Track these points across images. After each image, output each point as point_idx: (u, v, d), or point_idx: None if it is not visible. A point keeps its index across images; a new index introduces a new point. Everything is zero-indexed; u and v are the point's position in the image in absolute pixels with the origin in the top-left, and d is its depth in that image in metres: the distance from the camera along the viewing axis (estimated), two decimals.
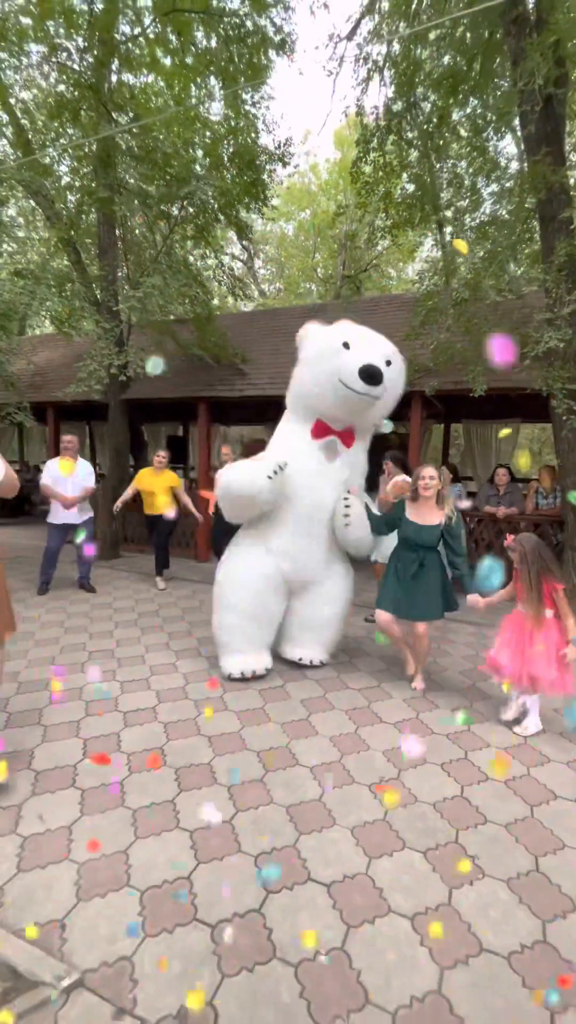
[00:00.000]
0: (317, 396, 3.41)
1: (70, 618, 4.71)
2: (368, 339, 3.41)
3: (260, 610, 3.56)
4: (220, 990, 1.52)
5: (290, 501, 3.48)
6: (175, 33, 7.81)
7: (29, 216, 13.60)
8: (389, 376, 3.31)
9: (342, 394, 3.25)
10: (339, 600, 3.73)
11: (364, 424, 3.54)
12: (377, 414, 3.50)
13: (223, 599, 3.60)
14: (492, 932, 1.74)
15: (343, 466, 3.56)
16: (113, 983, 1.54)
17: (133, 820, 2.20)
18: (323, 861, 2.01)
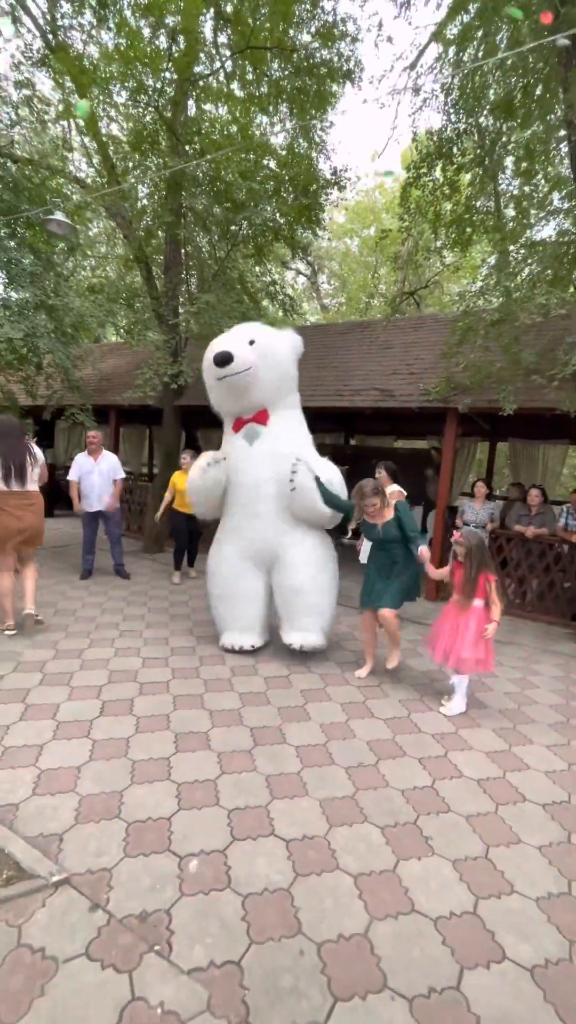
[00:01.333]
0: (215, 399, 4.07)
1: (109, 600, 5.19)
2: (227, 335, 3.96)
3: (234, 590, 4.04)
4: (176, 904, 1.81)
5: (232, 488, 4.02)
6: (250, 66, 8.42)
7: (110, 234, 14.78)
8: (254, 352, 3.75)
9: (214, 386, 3.90)
10: (306, 567, 3.92)
11: (263, 398, 3.92)
12: (268, 384, 3.87)
13: (208, 588, 4.25)
14: (426, 898, 1.92)
15: (267, 441, 3.95)
16: (93, 886, 1.86)
17: (132, 769, 2.54)
18: (288, 822, 2.25)
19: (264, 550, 3.98)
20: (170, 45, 7.91)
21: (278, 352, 3.92)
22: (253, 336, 3.86)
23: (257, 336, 3.87)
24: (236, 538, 4.06)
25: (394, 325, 8.64)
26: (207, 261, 8.53)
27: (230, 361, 3.67)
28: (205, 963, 1.61)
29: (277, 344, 3.94)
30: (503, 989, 1.60)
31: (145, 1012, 1.46)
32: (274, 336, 3.98)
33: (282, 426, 4.02)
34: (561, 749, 3.06)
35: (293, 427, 4.12)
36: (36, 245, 7.16)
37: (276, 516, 3.93)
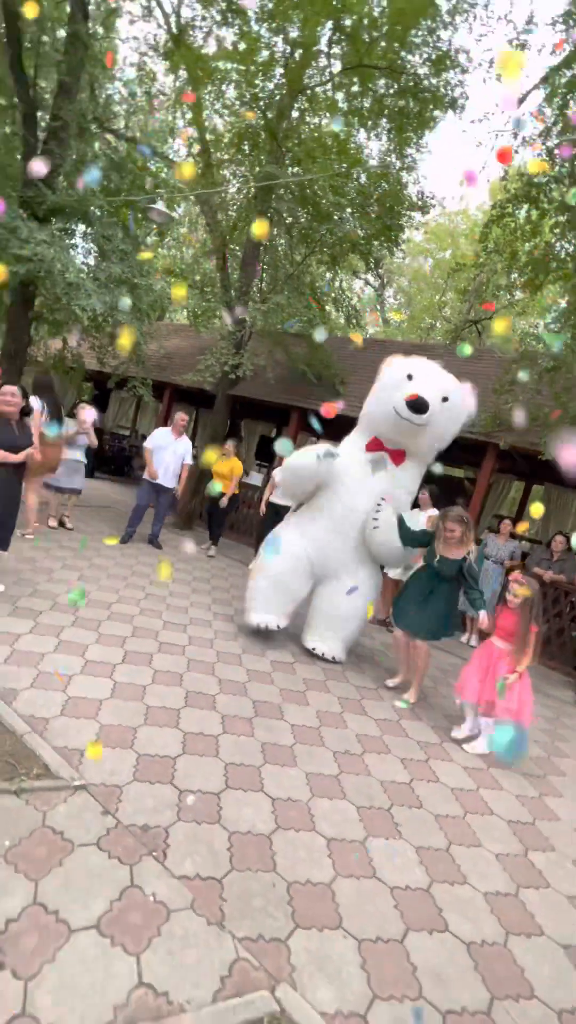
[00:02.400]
0: (377, 415, 4.04)
1: (139, 564, 5.55)
2: (430, 375, 3.90)
3: (284, 581, 4.17)
4: (173, 826, 2.10)
5: (329, 497, 4.11)
6: (358, 82, 8.70)
7: (194, 219, 15.27)
8: (440, 410, 3.78)
9: (394, 419, 3.84)
10: (352, 599, 4.15)
11: (416, 448, 4.02)
12: (428, 441, 3.98)
13: (258, 564, 4.33)
14: (388, 871, 2.16)
15: (385, 481, 4.07)
16: (105, 796, 2.17)
17: (146, 712, 2.85)
18: (276, 785, 2.53)
19: (326, 564, 4.19)
20: (285, 52, 8.25)
21: (459, 417, 3.95)
22: (449, 393, 3.83)
23: (452, 395, 3.84)
24: (308, 539, 4.18)
25: (451, 353, 8.80)
26: (283, 262, 8.86)
27: (424, 412, 3.67)
28: (192, 874, 1.90)
29: (463, 409, 3.94)
30: (440, 953, 1.84)
31: (140, 897, 1.75)
32: (464, 399, 3.92)
33: (407, 475, 4.15)
34: (536, 780, 3.24)
35: (415, 479, 4.23)
36: (126, 223, 7.60)
37: (352, 543, 4.12)
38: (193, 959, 1.60)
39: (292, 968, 1.65)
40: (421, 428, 3.81)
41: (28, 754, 2.29)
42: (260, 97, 8.15)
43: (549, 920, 2.13)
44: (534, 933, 2.05)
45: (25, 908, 1.61)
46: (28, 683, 2.81)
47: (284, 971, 1.64)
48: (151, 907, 1.73)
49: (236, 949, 1.66)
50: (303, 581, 4.24)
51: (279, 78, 8.26)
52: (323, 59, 8.68)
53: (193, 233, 15.74)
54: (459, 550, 3.68)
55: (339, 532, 4.11)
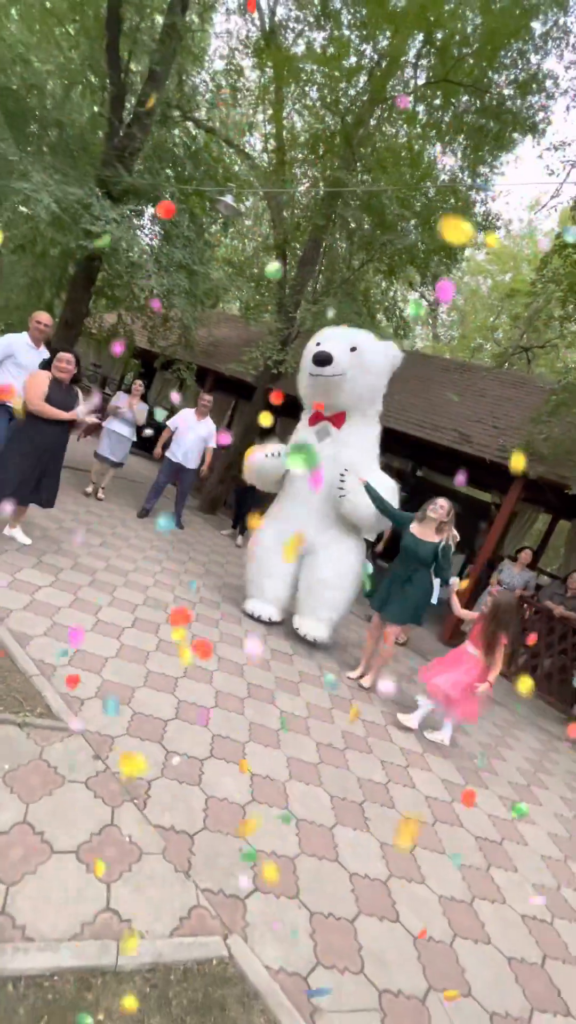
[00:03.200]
0: (303, 386, 4.43)
1: (159, 540, 5.74)
2: (335, 334, 4.23)
3: (269, 564, 4.46)
4: (156, 780, 2.25)
5: (291, 478, 4.45)
6: (440, 96, 8.72)
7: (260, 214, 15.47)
8: (352, 360, 4.03)
9: (310, 380, 4.21)
10: (335, 564, 4.29)
11: (346, 403, 4.21)
12: (354, 392, 4.16)
13: (247, 556, 4.72)
14: (350, 857, 2.27)
15: (334, 444, 4.30)
16: (98, 744, 2.33)
17: (146, 675, 3.00)
18: (259, 763, 2.65)
19: (307, 541, 4.36)
20: (373, 60, 8.33)
21: (375, 364, 4.18)
22: (356, 343, 4.12)
23: (360, 344, 4.13)
24: (281, 521, 4.49)
25: (495, 376, 8.75)
26: (340, 266, 8.95)
27: (328, 363, 4.00)
28: (167, 825, 2.04)
29: (376, 356, 4.18)
30: (387, 939, 1.94)
31: (117, 836, 1.90)
32: (375, 347, 4.20)
33: (353, 434, 4.34)
34: (508, 802, 3.28)
35: (363, 437, 4.40)
36: (195, 211, 7.82)
37: (321, 513, 4.32)
38: (157, 897, 1.73)
39: (246, 924, 1.77)
40: (336, 380, 4.05)
41: (34, 694, 2.47)
42: (341, 102, 8.26)
43: (498, 932, 2.20)
44: (481, 940, 2.12)
45: (15, 825, 1.77)
46: (42, 631, 3.00)
47: (238, 925, 1.76)
48: (126, 846, 1.87)
49: (197, 897, 1.80)
50: (285, 562, 4.46)
51: (362, 85, 8.36)
52: (408, 70, 8.74)
53: (257, 227, 15.96)
54: (435, 536, 3.81)
55: (305, 504, 4.37)
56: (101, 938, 1.53)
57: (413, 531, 3.85)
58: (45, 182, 4.68)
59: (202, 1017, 1.44)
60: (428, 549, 3.77)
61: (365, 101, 8.19)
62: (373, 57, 8.29)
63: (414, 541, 3.82)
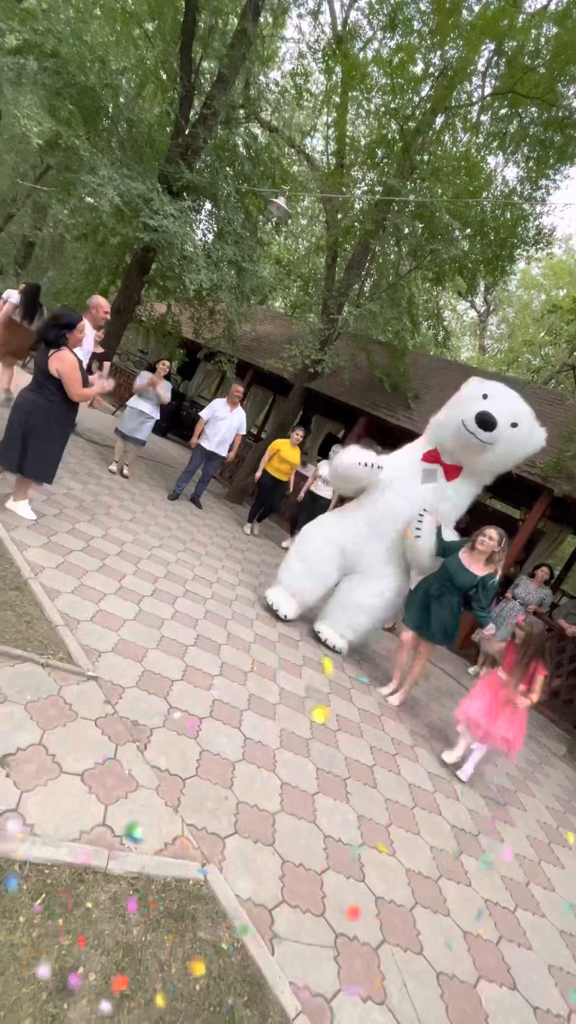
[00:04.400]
0: (443, 426, 4.16)
1: (185, 519, 6.02)
2: (506, 399, 3.94)
3: (317, 566, 4.47)
4: (157, 729, 2.48)
5: (373, 496, 4.38)
6: (507, 106, 8.71)
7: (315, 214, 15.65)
8: (508, 435, 3.83)
9: (460, 431, 3.92)
10: (377, 594, 4.34)
11: (473, 467, 4.10)
12: (487, 462, 4.03)
13: (298, 545, 4.66)
14: (327, 822, 2.44)
15: (432, 492, 4.19)
16: (109, 691, 2.57)
17: (159, 639, 3.25)
18: (252, 729, 2.85)
19: (357, 558, 4.45)
20: (439, 68, 8.38)
21: (523, 449, 3.98)
22: (520, 420, 3.86)
23: (522, 423, 3.87)
24: (346, 532, 4.45)
25: (534, 392, 8.68)
26: (387, 271, 9.05)
27: (491, 430, 3.74)
28: (163, 767, 2.26)
29: (529, 441, 3.95)
30: (350, 895, 2.11)
31: (118, 769, 2.13)
32: (532, 432, 3.94)
33: (457, 493, 4.24)
34: (494, 805, 3.38)
35: (464, 497, 4.27)
36: (248, 209, 8.07)
37: (386, 545, 4.34)
38: (147, 823, 1.96)
39: (223, 858, 1.98)
40: (484, 447, 3.86)
41: (58, 641, 2.74)
42: (403, 109, 8.35)
43: (457, 906, 2.33)
44: (440, 912, 2.27)
45: (31, 745, 2.03)
46: (70, 589, 3.28)
47: (215, 858, 1.97)
48: (125, 778, 2.10)
49: (182, 829, 2.01)
50: (333, 569, 4.51)
51: (426, 93, 8.42)
52: (476, 79, 8.74)
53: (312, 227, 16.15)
54: (482, 567, 3.78)
55: (376, 530, 4.33)
56: (96, 845, 1.77)
57: (461, 557, 3.83)
58: (111, 176, 5.00)
59: (175, 922, 1.66)
60: (468, 580, 3.74)
61: (428, 109, 8.26)
62: (440, 65, 8.34)
63: (458, 566, 3.79)
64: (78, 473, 5.67)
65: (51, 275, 16.11)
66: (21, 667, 2.41)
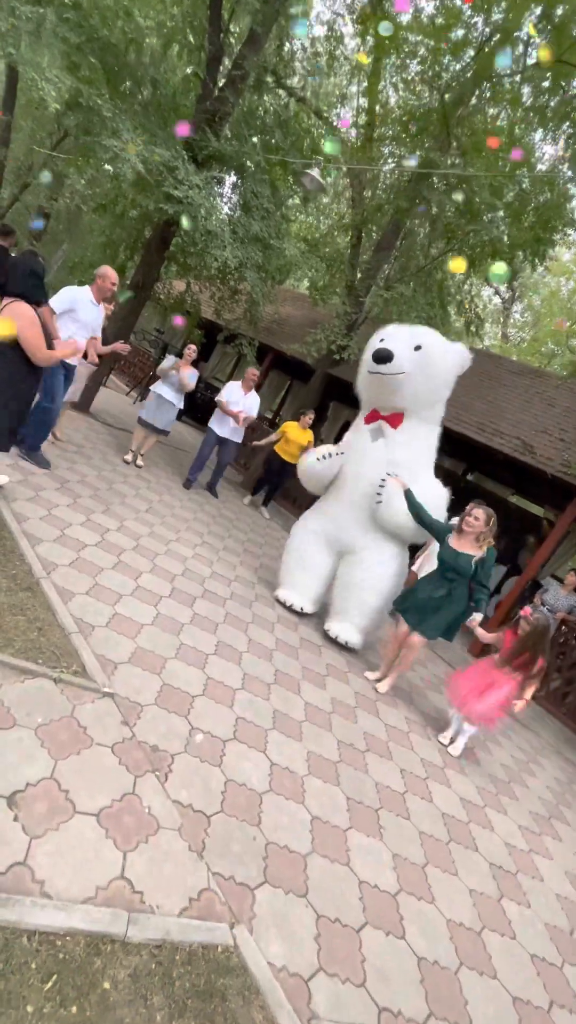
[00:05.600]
0: (361, 384, 4.25)
1: (201, 509, 5.78)
2: (399, 331, 4.00)
3: (306, 557, 4.43)
4: (178, 755, 2.26)
5: (340, 475, 4.33)
6: (550, 79, 8.14)
7: (339, 192, 15.04)
8: (414, 358, 3.83)
9: (368, 378, 4.05)
10: (373, 567, 4.14)
11: (406, 404, 4.01)
12: (414, 394, 3.94)
13: (287, 542, 4.67)
14: (360, 863, 2.23)
15: (388, 446, 4.11)
16: (127, 709, 2.35)
17: (179, 647, 3.02)
18: (278, 751, 2.63)
19: (341, 539, 4.30)
20: (483, 34, 7.83)
21: (440, 366, 3.92)
22: (421, 342, 3.87)
23: (425, 343, 3.87)
24: (323, 516, 4.44)
25: (566, 386, 8.28)
26: (417, 253, 8.60)
27: (388, 361, 3.80)
28: (186, 802, 2.05)
29: (442, 357, 3.92)
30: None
31: (137, 805, 1.92)
32: (442, 347, 3.93)
33: (409, 436, 4.12)
34: (528, 834, 3.17)
35: (420, 440, 4.17)
36: (276, 183, 7.63)
37: (364, 515, 4.16)
38: (170, 873, 1.74)
39: (253, 915, 1.77)
40: (396, 379, 3.86)
41: (71, 651, 2.52)
42: (442, 76, 7.82)
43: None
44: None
45: (42, 779, 1.81)
46: (84, 590, 3.06)
47: (245, 915, 1.75)
48: (145, 817, 1.89)
49: (208, 880, 1.80)
50: (323, 556, 4.41)
51: (468, 60, 7.88)
52: (519, 47, 8.16)
53: (335, 205, 15.53)
54: (474, 547, 3.60)
55: (350, 503, 4.24)
56: (113, 905, 1.55)
57: (451, 543, 3.66)
58: (134, 141, 4.64)
59: (203, 1003, 1.45)
60: (466, 561, 3.58)
61: (469, 78, 7.74)
62: (484, 31, 7.79)
63: (452, 554, 3.62)
64: (92, 458, 5.43)
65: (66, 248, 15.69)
66: (32, 683, 2.19)
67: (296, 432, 6.70)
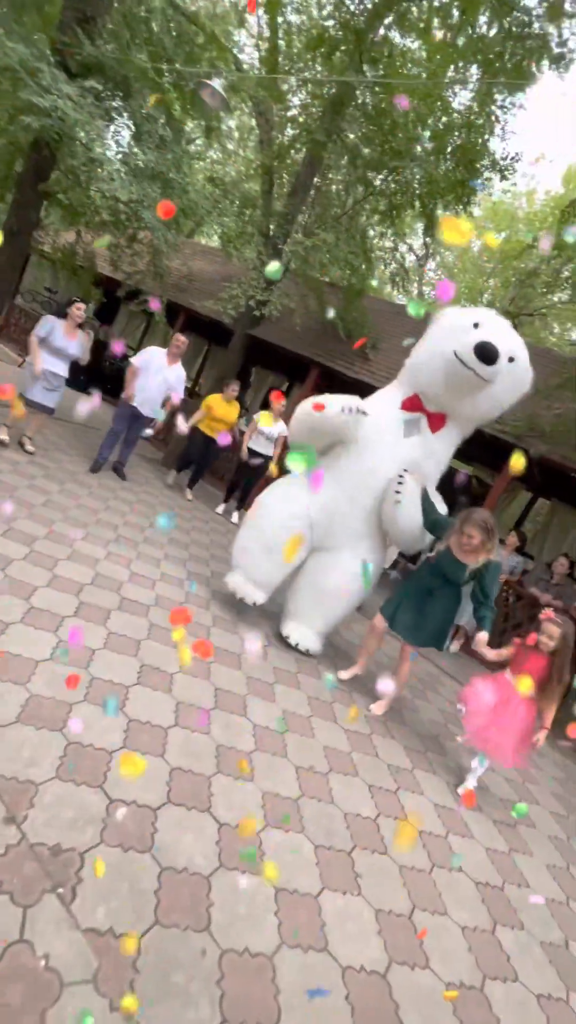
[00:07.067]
0: (426, 367, 3.44)
1: (114, 495, 5.00)
2: (501, 327, 3.35)
3: (276, 543, 3.56)
4: (92, 850, 1.67)
5: (348, 456, 3.55)
6: (460, 10, 7.58)
7: (245, 134, 13.85)
8: (505, 370, 3.24)
9: (451, 367, 3.24)
10: (347, 577, 3.62)
11: (462, 413, 3.45)
12: (479, 407, 3.41)
13: (251, 518, 3.80)
14: (339, 939, 1.79)
15: (417, 448, 3.51)
16: (14, 795, 1.72)
17: (89, 685, 2.39)
18: (226, 805, 2.12)
19: (329, 532, 3.68)
20: None
21: (518, 387, 3.42)
22: (516, 355, 3.30)
23: (520, 358, 3.32)
24: (315, 502, 3.62)
25: None
26: (334, 199, 7.94)
27: (492, 363, 3.10)
28: (104, 927, 1.48)
29: (524, 379, 3.41)
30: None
31: (28, 959, 1.32)
32: (527, 367, 3.40)
33: (444, 444, 3.57)
34: (505, 830, 2.94)
35: (448, 449, 3.65)
36: (173, 109, 6.59)
37: (365, 514, 3.58)
38: None
39: None
40: (482, 385, 3.24)
41: None
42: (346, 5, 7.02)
43: None
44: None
45: None
46: None
47: None
48: (42, 978, 1.30)
49: None
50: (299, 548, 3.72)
51: None
52: None
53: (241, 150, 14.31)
54: (473, 556, 3.16)
55: (352, 498, 3.56)
56: None
57: (452, 544, 3.18)
58: None
59: None
60: (460, 571, 3.14)
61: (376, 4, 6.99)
62: None
63: (449, 559, 3.17)
64: None
65: None
66: None
67: (221, 407, 5.98)
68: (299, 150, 7.38)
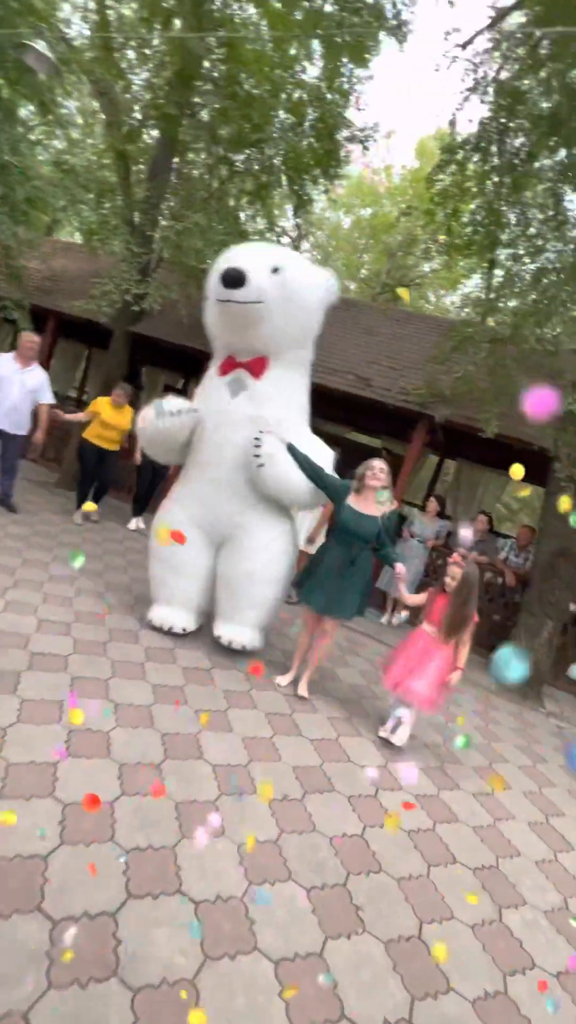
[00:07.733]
0: (210, 323, 3.42)
1: (3, 531, 4.36)
2: (249, 250, 3.33)
3: (177, 560, 3.44)
4: None
5: (196, 443, 3.43)
6: None
7: (89, 118, 12.84)
8: (274, 283, 3.06)
9: (217, 309, 3.20)
10: (260, 553, 3.37)
11: (267, 345, 3.26)
12: (277, 329, 3.19)
13: (150, 548, 3.64)
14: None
15: (251, 401, 3.31)
16: None
17: (5, 775, 1.95)
18: (198, 875, 1.82)
19: (217, 524, 3.43)
20: None
21: (305, 292, 3.18)
22: (280, 263, 3.11)
23: (285, 265, 3.12)
24: (190, 502, 3.46)
25: (379, 311, 8.25)
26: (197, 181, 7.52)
27: (241, 284, 2.95)
28: None
29: (308, 282, 3.20)
30: None
31: None
32: (307, 271, 3.24)
33: (277, 387, 3.35)
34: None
35: (290, 391, 3.43)
36: None
37: (239, 488, 3.33)
38: None
39: None
40: (254, 310, 3.06)
41: None
42: None
43: None
44: None
45: None
46: None
47: None
48: None
49: None
50: (200, 555, 3.46)
51: None
52: None
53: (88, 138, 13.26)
54: (375, 507, 3.12)
55: (214, 480, 3.37)
56: None
57: (351, 504, 3.11)
58: None
59: None
60: (371, 525, 3.07)
61: None
62: None
63: (354, 516, 3.08)
64: None
65: None
66: None
67: (111, 412, 5.46)
68: (151, 129, 6.85)
